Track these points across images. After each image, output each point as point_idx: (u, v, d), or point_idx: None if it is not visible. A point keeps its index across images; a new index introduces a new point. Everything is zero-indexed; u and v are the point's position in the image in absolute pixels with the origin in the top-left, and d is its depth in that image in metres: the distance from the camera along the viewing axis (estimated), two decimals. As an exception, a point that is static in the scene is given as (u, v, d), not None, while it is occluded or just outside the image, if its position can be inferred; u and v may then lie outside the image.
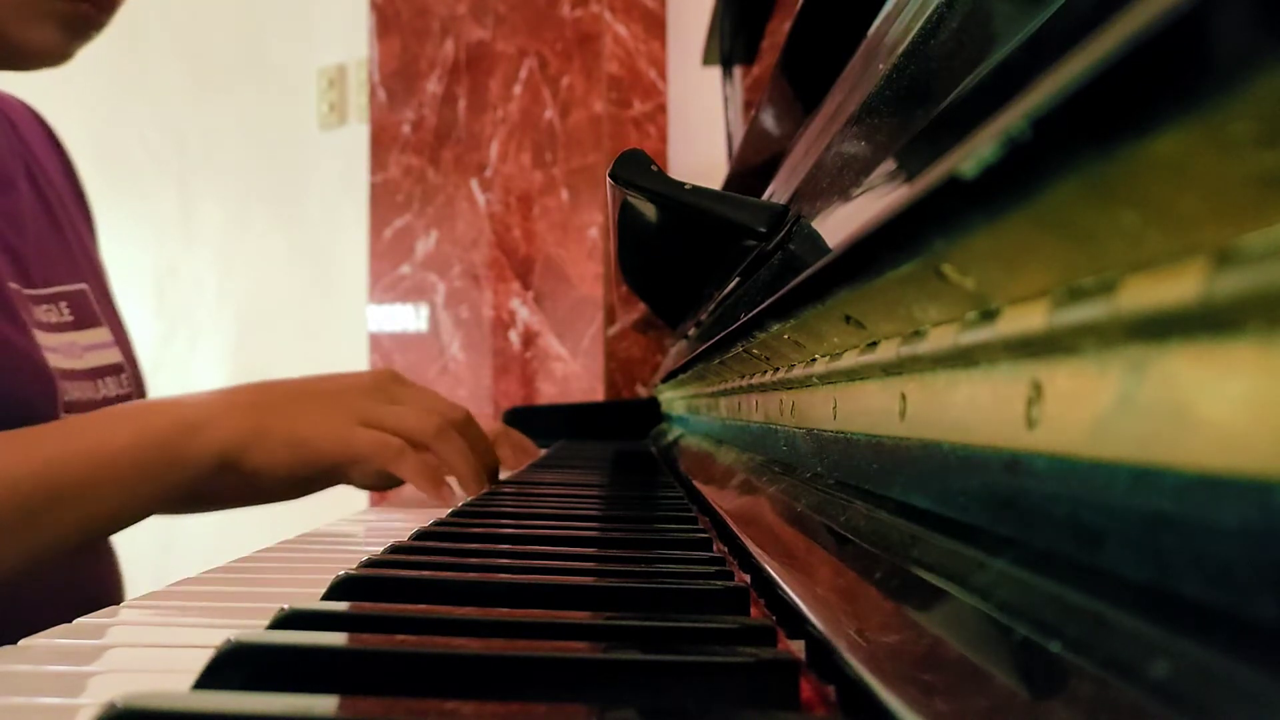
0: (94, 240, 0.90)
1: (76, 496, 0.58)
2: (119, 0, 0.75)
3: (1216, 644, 0.12)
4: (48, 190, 0.83)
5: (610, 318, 1.61)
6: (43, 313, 0.75)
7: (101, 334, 0.80)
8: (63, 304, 0.78)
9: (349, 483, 0.69)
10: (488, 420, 1.60)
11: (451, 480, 0.69)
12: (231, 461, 0.62)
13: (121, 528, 0.62)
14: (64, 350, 0.75)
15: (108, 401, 0.78)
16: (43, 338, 0.73)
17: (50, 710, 0.25)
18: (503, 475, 0.85)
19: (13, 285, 0.73)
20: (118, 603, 0.83)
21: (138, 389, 0.83)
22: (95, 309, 0.81)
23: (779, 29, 1.04)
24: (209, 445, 0.61)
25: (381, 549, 0.40)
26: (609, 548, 0.44)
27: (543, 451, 1.10)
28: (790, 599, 0.29)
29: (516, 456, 0.99)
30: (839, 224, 0.29)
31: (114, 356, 0.81)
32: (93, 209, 0.93)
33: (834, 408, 0.35)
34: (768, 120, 0.77)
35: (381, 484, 0.69)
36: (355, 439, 0.64)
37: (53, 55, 0.74)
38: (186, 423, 0.62)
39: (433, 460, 0.67)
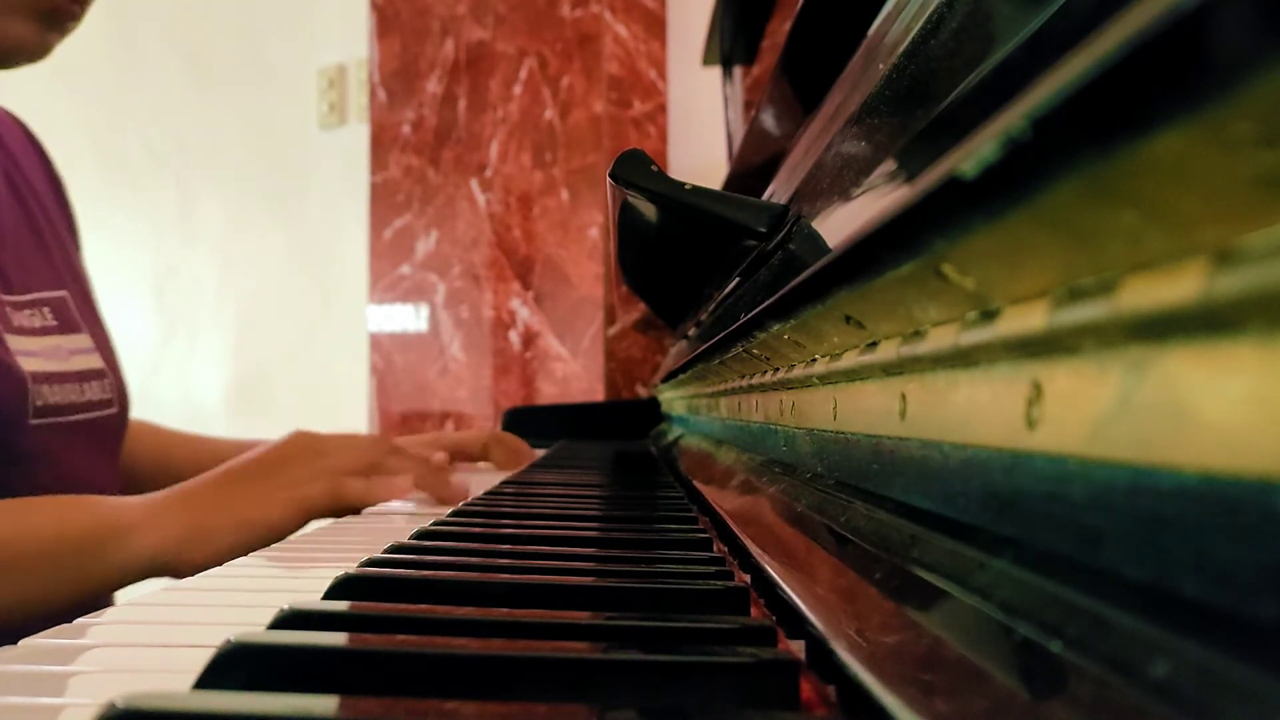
0: (77, 249, 0.90)
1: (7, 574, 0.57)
2: None
3: (1216, 644, 0.12)
4: (29, 198, 0.83)
5: (610, 318, 1.61)
6: (25, 318, 0.75)
7: (82, 340, 0.80)
8: (45, 309, 0.78)
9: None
10: (484, 423, 1.61)
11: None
12: (166, 564, 0.61)
13: (34, 617, 0.58)
14: (48, 354, 0.75)
15: (92, 405, 0.78)
16: (23, 342, 0.73)
17: (50, 710, 0.25)
18: (499, 477, 0.85)
19: None
20: (110, 600, 0.83)
21: (119, 396, 0.83)
22: (76, 316, 0.81)
23: (779, 29, 1.04)
24: (137, 550, 0.60)
25: (381, 549, 0.40)
26: (609, 548, 0.44)
27: (538, 453, 1.10)
28: (790, 599, 0.29)
29: (511, 459, 0.99)
30: (839, 224, 0.29)
31: (96, 362, 0.81)
32: (79, 222, 0.93)
33: (834, 408, 0.35)
34: (768, 120, 0.77)
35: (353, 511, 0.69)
36: (301, 496, 0.65)
37: (30, 50, 0.73)
38: (113, 526, 0.60)
39: (382, 474, 0.68)
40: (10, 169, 0.83)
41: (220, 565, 0.62)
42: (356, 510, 0.68)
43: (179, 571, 0.61)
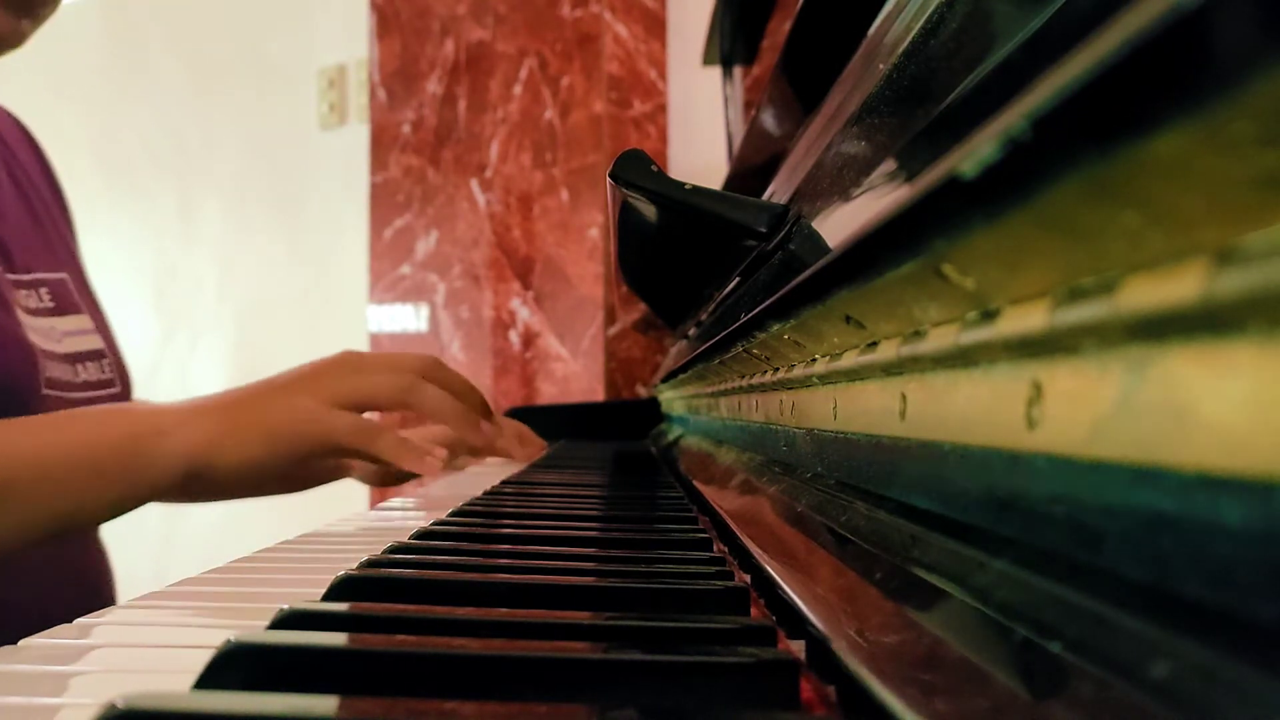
0: (73, 237, 0.90)
1: (29, 491, 0.57)
2: None
3: (1216, 644, 0.12)
4: (28, 188, 0.83)
5: (610, 318, 1.61)
6: (23, 297, 0.76)
7: (82, 321, 0.81)
8: (43, 290, 0.78)
9: (352, 477, 0.68)
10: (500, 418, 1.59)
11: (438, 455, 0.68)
12: (200, 466, 0.61)
13: (79, 527, 0.60)
14: (43, 334, 0.75)
15: (86, 385, 0.78)
16: (23, 320, 0.74)
17: (50, 710, 0.25)
18: (510, 468, 0.85)
19: None
20: (110, 596, 0.82)
21: (120, 375, 0.83)
22: (75, 297, 0.81)
23: (779, 29, 1.04)
24: (175, 449, 0.61)
25: (381, 549, 0.40)
26: (609, 548, 0.44)
27: (545, 442, 1.11)
28: (790, 599, 0.29)
29: (522, 447, 0.99)
30: (839, 224, 0.29)
31: (95, 343, 0.81)
32: (74, 215, 0.93)
33: (834, 408, 0.35)
34: (768, 120, 0.77)
35: (385, 480, 0.69)
36: (329, 420, 0.64)
37: (5, 39, 0.73)
38: (152, 427, 0.61)
39: (413, 438, 0.67)
40: (9, 159, 0.83)
41: (251, 470, 0.62)
42: (395, 482, 0.67)
43: (212, 475, 0.62)
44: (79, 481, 0.58)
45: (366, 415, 0.67)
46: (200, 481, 0.62)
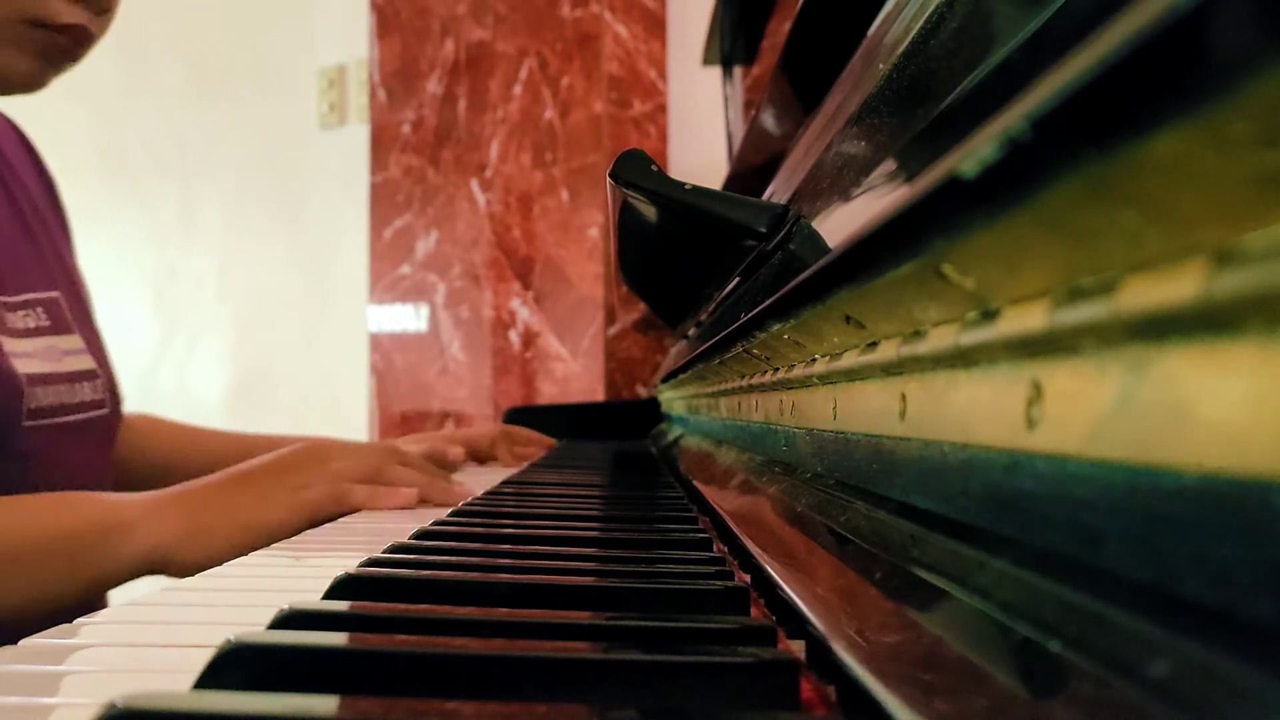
0: (70, 251, 0.90)
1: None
2: (95, 35, 0.75)
3: (1216, 644, 0.12)
4: (22, 199, 0.83)
5: (610, 318, 1.61)
6: (18, 318, 0.76)
7: (74, 341, 0.81)
8: (38, 309, 0.78)
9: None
10: (486, 421, 1.61)
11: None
12: (159, 562, 0.61)
13: (41, 612, 0.59)
14: (42, 355, 0.75)
15: (84, 406, 0.78)
16: (16, 344, 0.73)
17: (49, 710, 0.25)
18: (502, 476, 0.85)
19: None
20: (106, 601, 0.83)
21: (111, 395, 0.83)
22: (67, 317, 0.81)
23: (779, 29, 1.04)
24: (136, 547, 0.60)
25: (381, 549, 0.40)
26: (609, 548, 0.44)
27: (550, 441, 1.11)
28: (790, 599, 0.29)
29: (524, 451, 1.00)
30: (839, 224, 0.29)
31: (87, 363, 0.81)
32: (71, 224, 0.93)
33: (834, 408, 0.35)
34: (768, 120, 0.77)
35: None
36: (301, 501, 0.65)
37: (27, 83, 0.74)
38: (117, 520, 0.61)
39: (383, 482, 0.68)
40: (3, 170, 0.83)
41: (217, 566, 0.62)
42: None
43: (176, 570, 0.61)
44: (45, 568, 0.59)
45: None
46: (165, 571, 0.61)
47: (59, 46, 0.73)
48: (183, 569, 0.61)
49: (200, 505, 0.63)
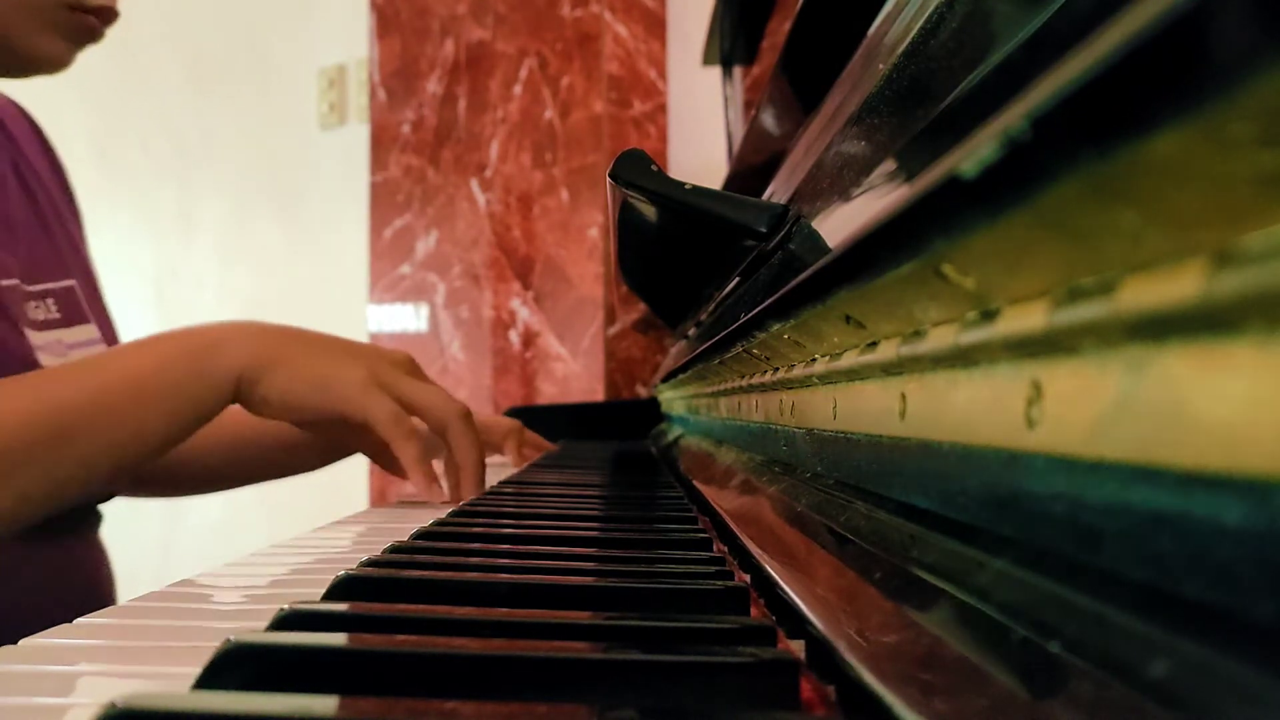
0: (83, 239, 0.91)
1: (90, 426, 0.58)
2: (117, 13, 0.78)
3: (1216, 644, 0.12)
4: (36, 189, 0.84)
5: (610, 318, 1.61)
6: (31, 309, 0.76)
7: (89, 331, 0.81)
8: (50, 301, 0.79)
9: (353, 449, 0.69)
10: (500, 417, 1.61)
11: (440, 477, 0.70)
12: (248, 383, 0.63)
13: (138, 457, 0.61)
14: (49, 348, 0.76)
15: None
16: (30, 336, 0.74)
17: (49, 710, 0.25)
18: (510, 468, 0.85)
19: (6, 282, 0.74)
20: (110, 596, 0.83)
21: None
22: (84, 306, 0.82)
23: (779, 29, 1.04)
24: (229, 362, 0.62)
25: (380, 551, 0.40)
26: (609, 548, 0.44)
27: (554, 446, 1.11)
28: (790, 599, 0.29)
29: (529, 454, 1.01)
30: (839, 224, 0.29)
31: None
32: (81, 209, 0.93)
33: (834, 408, 0.35)
34: (768, 120, 0.77)
35: (383, 460, 0.70)
36: (372, 397, 0.64)
37: (55, 63, 0.77)
38: (207, 341, 0.63)
39: (433, 455, 0.68)
40: (16, 158, 0.83)
41: (286, 408, 0.64)
42: (386, 466, 0.69)
43: (254, 397, 0.63)
44: (137, 408, 0.60)
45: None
46: (247, 395, 0.63)
47: (88, 26, 0.76)
48: (265, 400, 0.63)
49: (287, 342, 0.65)
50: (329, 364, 0.65)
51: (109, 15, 0.77)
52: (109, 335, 0.84)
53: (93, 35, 0.77)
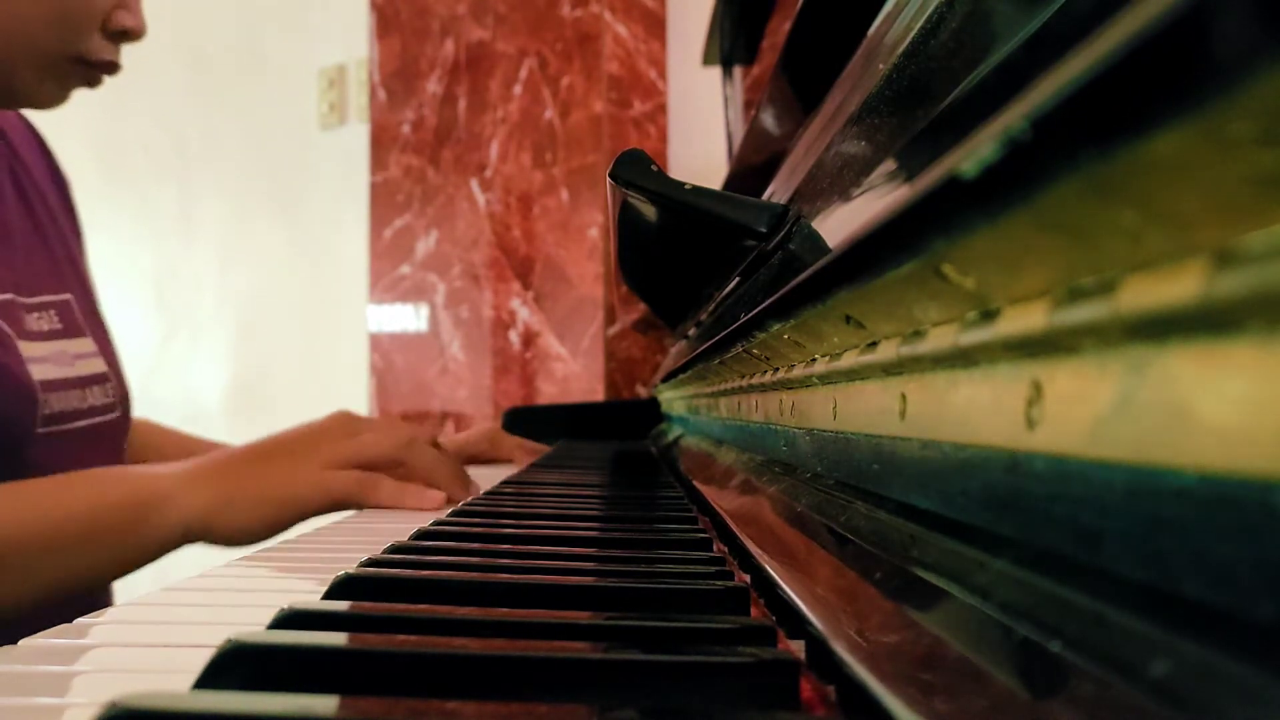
0: (82, 252, 0.91)
1: (32, 559, 0.58)
2: (120, 65, 0.80)
3: (1216, 644, 0.12)
4: (36, 201, 0.84)
5: (610, 318, 1.61)
6: (33, 321, 0.76)
7: (85, 344, 0.81)
8: (51, 312, 0.79)
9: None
10: (486, 420, 1.61)
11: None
12: (199, 531, 0.63)
13: (79, 591, 0.61)
14: (55, 359, 0.76)
15: (94, 411, 0.79)
16: (32, 347, 0.74)
17: (50, 710, 0.25)
18: (510, 468, 0.86)
19: (3, 296, 0.74)
20: (110, 596, 0.83)
21: (121, 400, 0.84)
22: (79, 320, 0.82)
23: (779, 29, 1.04)
24: (175, 517, 0.62)
25: (380, 550, 0.40)
26: (609, 548, 0.44)
27: (536, 445, 1.11)
28: (790, 599, 0.29)
29: (512, 454, 1.01)
30: (839, 224, 0.29)
31: (99, 366, 0.81)
32: (83, 221, 0.93)
33: (834, 408, 0.35)
34: (768, 120, 0.77)
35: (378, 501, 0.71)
36: (329, 482, 0.66)
37: (50, 105, 0.78)
38: (152, 493, 0.62)
39: (408, 478, 0.69)
40: (16, 167, 0.83)
41: (250, 538, 0.64)
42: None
43: (211, 539, 0.63)
44: (80, 548, 0.60)
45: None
46: (201, 540, 0.64)
47: (89, 77, 0.77)
48: (217, 538, 0.64)
49: (232, 476, 0.65)
50: (278, 477, 0.65)
51: (113, 68, 0.78)
52: (105, 350, 0.84)
53: (91, 84, 0.78)
